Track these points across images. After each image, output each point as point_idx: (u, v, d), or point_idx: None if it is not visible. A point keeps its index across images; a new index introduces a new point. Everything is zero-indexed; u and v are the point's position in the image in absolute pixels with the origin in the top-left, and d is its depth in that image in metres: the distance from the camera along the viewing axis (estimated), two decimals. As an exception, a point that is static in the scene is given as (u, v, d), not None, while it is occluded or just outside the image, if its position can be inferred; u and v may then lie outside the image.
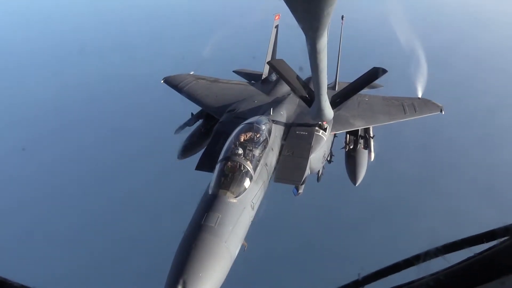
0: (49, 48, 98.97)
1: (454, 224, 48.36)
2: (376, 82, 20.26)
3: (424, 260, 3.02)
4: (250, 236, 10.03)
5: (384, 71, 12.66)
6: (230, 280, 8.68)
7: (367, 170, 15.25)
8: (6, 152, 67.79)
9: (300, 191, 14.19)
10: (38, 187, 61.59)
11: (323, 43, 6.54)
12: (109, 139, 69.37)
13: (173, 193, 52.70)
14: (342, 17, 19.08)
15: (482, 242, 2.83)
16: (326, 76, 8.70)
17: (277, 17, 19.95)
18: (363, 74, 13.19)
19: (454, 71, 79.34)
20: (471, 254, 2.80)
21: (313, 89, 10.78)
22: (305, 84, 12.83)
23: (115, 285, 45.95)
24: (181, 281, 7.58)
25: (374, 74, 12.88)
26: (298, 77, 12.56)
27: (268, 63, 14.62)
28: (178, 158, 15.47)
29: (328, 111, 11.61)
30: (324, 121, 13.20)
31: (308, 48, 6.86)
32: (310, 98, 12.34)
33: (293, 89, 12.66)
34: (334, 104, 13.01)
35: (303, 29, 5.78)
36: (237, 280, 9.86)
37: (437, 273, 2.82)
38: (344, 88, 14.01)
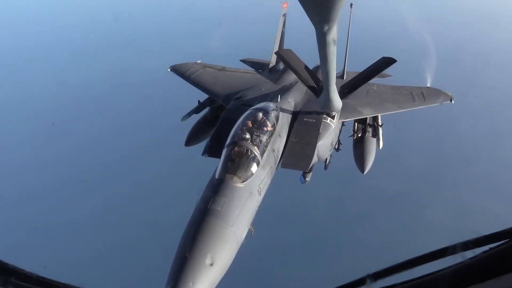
0: (58, 42, 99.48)
1: (463, 217, 48.49)
2: (385, 71, 20.17)
3: (440, 257, 2.97)
4: (257, 222, 10.01)
5: (393, 60, 12.61)
6: (238, 264, 8.69)
7: (375, 158, 15.15)
8: (25, 144, 68.92)
9: (307, 179, 14.10)
10: (50, 178, 62.65)
11: (333, 35, 6.48)
12: (116, 127, 70.04)
13: (179, 180, 52.95)
14: (351, 5, 18.83)
15: (500, 240, 2.77)
16: (335, 67, 8.62)
17: (285, 6, 19.74)
18: (372, 64, 13.12)
19: (463, 67, 79.27)
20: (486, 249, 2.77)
21: (321, 79, 10.67)
22: (313, 74, 12.71)
23: (123, 272, 46.50)
24: (186, 265, 7.57)
25: (383, 63, 12.83)
26: (306, 67, 12.50)
27: (276, 53, 14.53)
28: (185, 145, 15.50)
29: (337, 101, 11.50)
30: (332, 111, 13.07)
31: (317, 39, 6.81)
32: (318, 88, 12.25)
33: (302, 79, 12.56)
34: (343, 94, 12.95)
35: (313, 21, 5.73)
36: (244, 265, 9.83)
37: (452, 265, 2.80)
38: (352, 78, 13.88)
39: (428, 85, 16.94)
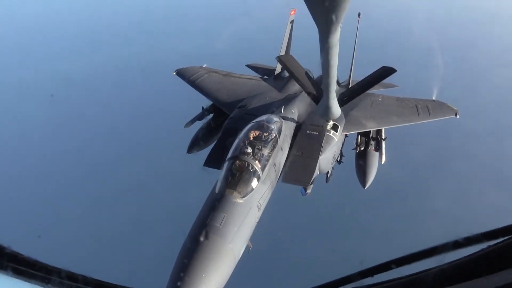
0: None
1: (466, 209, 48.94)
2: (391, 82, 20.08)
3: (440, 252, 3.03)
4: (255, 234, 10.00)
5: (393, 70, 12.68)
6: (233, 280, 8.72)
7: (377, 173, 15.05)
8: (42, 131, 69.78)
9: (308, 191, 13.99)
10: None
11: (336, 38, 6.43)
12: (119, 131, 69.68)
13: (180, 188, 52.72)
14: (359, 14, 18.73)
15: (498, 237, 2.84)
16: (336, 73, 8.58)
17: (292, 12, 19.65)
18: (372, 73, 13.20)
19: (471, 65, 79.36)
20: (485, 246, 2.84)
21: (321, 87, 10.67)
22: (314, 81, 12.86)
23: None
24: (183, 282, 7.60)
25: (383, 73, 12.92)
26: (307, 74, 12.64)
27: (277, 58, 14.54)
28: (187, 152, 15.47)
29: (336, 109, 11.45)
30: (331, 119, 12.96)
31: (320, 42, 6.76)
32: (318, 95, 12.29)
33: (302, 86, 12.68)
34: (342, 102, 12.96)
35: (317, 23, 5.72)
36: (240, 280, 9.84)
37: (453, 261, 2.86)
38: (352, 86, 14.04)
39: (434, 98, 16.80)
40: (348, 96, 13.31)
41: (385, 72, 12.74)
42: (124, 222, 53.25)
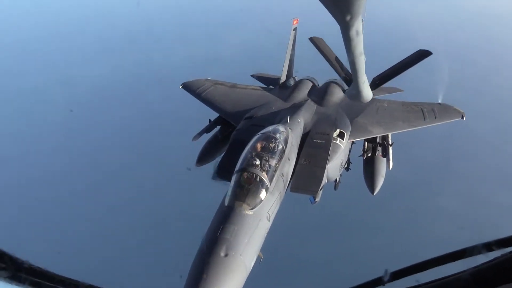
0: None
1: (475, 209, 48.07)
2: (397, 86, 20.08)
3: (455, 260, 3.08)
4: (266, 244, 10.08)
5: (428, 53, 13.07)
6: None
7: (385, 179, 15.01)
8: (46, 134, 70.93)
9: (317, 199, 14.00)
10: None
11: (357, 27, 6.44)
12: (126, 143, 70.24)
13: (190, 201, 52.92)
14: (362, 21, 18.72)
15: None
16: (364, 58, 8.64)
17: (295, 22, 19.83)
18: (407, 56, 13.61)
19: (476, 67, 79.92)
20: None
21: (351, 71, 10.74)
22: (343, 65, 13.20)
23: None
24: None
25: (418, 56, 13.30)
26: (337, 58, 13.12)
27: (310, 39, 14.80)
28: (196, 164, 15.58)
29: (367, 92, 11.56)
30: (363, 102, 13.13)
31: (342, 35, 6.81)
32: (349, 78, 12.62)
33: (333, 68, 13.31)
34: (374, 85, 13.41)
35: (334, 17, 5.75)
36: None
37: (468, 269, 2.84)
38: (386, 70, 14.28)
39: (440, 101, 16.72)
40: (381, 79, 13.76)
41: (421, 55, 13.13)
42: (137, 235, 53.51)
